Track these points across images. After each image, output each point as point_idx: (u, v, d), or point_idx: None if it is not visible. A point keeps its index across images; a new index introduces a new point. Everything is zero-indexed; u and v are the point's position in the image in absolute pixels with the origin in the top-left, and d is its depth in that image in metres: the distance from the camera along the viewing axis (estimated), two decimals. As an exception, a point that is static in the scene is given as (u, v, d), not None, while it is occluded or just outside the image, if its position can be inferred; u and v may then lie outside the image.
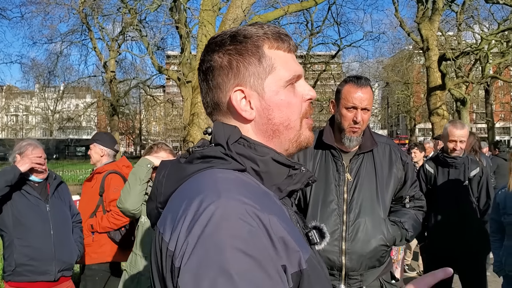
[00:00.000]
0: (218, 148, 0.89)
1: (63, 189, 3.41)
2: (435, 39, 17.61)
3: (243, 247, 0.70)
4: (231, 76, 0.92)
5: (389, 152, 2.35)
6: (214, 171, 0.85)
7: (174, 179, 0.89)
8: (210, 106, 0.97)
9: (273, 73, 0.92)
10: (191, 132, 11.76)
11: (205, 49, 0.96)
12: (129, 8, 21.14)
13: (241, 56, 0.92)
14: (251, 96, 0.92)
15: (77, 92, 47.70)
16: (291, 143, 0.96)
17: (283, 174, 0.92)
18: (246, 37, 0.92)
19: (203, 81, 0.97)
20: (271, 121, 0.93)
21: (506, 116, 57.78)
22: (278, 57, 0.93)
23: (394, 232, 2.26)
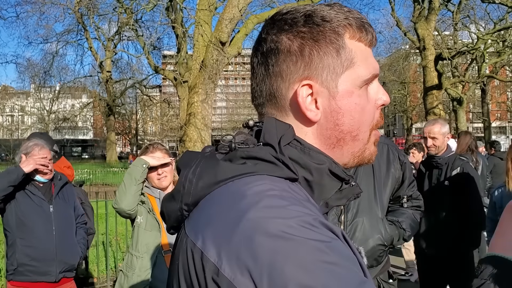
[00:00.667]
0: (267, 149, 0.73)
1: (68, 190, 3.39)
2: (432, 38, 17.67)
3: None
4: (300, 65, 0.75)
5: (387, 151, 2.34)
6: (263, 178, 0.69)
7: (209, 178, 0.72)
8: (262, 96, 0.80)
9: (351, 69, 0.76)
10: (188, 132, 11.75)
11: (269, 25, 0.79)
12: (125, 7, 21.09)
13: (317, 43, 0.75)
14: (320, 94, 0.76)
15: (73, 92, 47.65)
16: (353, 157, 0.81)
17: (334, 188, 0.78)
18: (325, 20, 0.75)
19: (260, 65, 0.80)
20: (338, 128, 0.77)
21: (503, 115, 58.02)
22: (359, 50, 0.77)
23: (391, 231, 2.25)
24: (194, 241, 0.66)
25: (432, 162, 3.61)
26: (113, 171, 23.40)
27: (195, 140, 11.56)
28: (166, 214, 0.79)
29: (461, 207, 3.51)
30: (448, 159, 3.57)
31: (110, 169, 24.87)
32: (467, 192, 3.51)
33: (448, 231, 3.49)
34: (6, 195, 2.96)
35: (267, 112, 0.81)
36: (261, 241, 0.59)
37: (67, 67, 43.10)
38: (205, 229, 0.66)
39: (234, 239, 0.61)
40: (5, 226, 3.11)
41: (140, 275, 2.77)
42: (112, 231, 6.69)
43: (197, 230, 0.67)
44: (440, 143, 3.56)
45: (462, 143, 5.07)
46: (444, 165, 3.57)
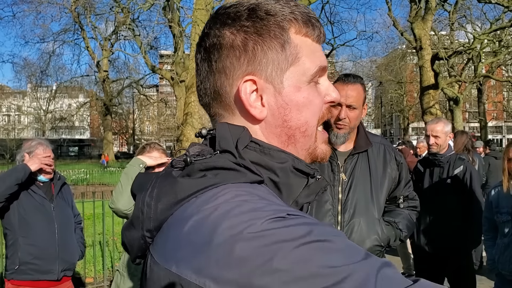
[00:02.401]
0: (226, 156, 0.69)
1: (66, 190, 3.42)
2: (428, 38, 17.71)
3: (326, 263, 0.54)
4: (243, 60, 0.72)
5: (384, 152, 2.34)
6: (228, 187, 0.64)
7: (169, 199, 0.66)
8: (208, 94, 0.76)
9: (296, 64, 0.73)
10: (185, 131, 11.74)
11: (212, 20, 0.76)
12: (122, 7, 21.06)
13: (261, 37, 0.71)
14: (265, 90, 0.72)
15: (70, 92, 47.53)
16: (308, 154, 0.77)
17: (301, 184, 0.74)
18: (269, 14, 0.72)
19: (203, 61, 0.76)
20: (286, 124, 0.73)
21: (499, 115, 58.20)
22: (306, 45, 0.74)
23: (388, 232, 2.25)
24: (168, 268, 0.61)
25: (434, 161, 3.63)
26: (110, 170, 23.35)
27: (192, 140, 11.55)
28: (127, 244, 0.73)
29: (463, 205, 3.53)
30: (450, 158, 3.60)
31: (107, 169, 24.81)
32: (469, 191, 3.53)
33: (449, 229, 3.51)
34: (11, 193, 2.97)
35: (215, 113, 0.77)
36: (243, 247, 0.55)
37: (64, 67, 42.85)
38: (177, 252, 0.61)
39: (212, 255, 0.57)
40: (6, 225, 3.12)
41: (137, 275, 2.77)
42: (109, 231, 6.68)
43: (168, 256, 0.63)
44: (442, 142, 3.58)
45: (458, 143, 5.10)
46: (445, 163, 3.59)
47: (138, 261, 0.73)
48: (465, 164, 3.58)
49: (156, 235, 0.68)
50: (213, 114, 0.78)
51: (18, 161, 3.14)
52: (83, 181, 19.46)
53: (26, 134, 54.49)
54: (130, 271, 2.79)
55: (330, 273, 0.53)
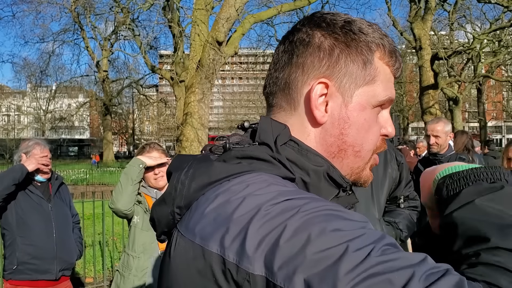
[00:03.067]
0: (263, 148, 0.71)
1: (64, 189, 3.43)
2: (428, 38, 17.71)
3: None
4: (325, 63, 0.74)
5: (384, 152, 2.34)
6: (262, 175, 0.67)
7: (203, 179, 0.69)
8: (277, 84, 0.78)
9: (370, 85, 0.75)
10: (184, 131, 11.73)
11: (307, 19, 0.78)
12: (121, 7, 21.04)
13: (348, 48, 0.74)
14: (333, 98, 0.74)
15: (70, 92, 47.53)
16: (351, 173, 0.79)
17: (331, 194, 0.75)
18: (362, 32, 0.75)
19: (285, 52, 0.78)
20: (342, 137, 0.75)
21: (498, 115, 58.22)
22: (384, 72, 0.77)
23: (388, 232, 2.25)
24: (192, 239, 0.65)
25: (435, 161, 3.62)
26: (109, 170, 23.33)
27: (192, 140, 11.55)
28: (156, 219, 0.76)
29: None
30: (450, 158, 3.59)
31: (107, 169, 24.80)
32: None
33: None
34: (8, 193, 2.98)
35: (276, 104, 0.79)
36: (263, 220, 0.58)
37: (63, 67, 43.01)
38: (202, 225, 0.64)
39: (234, 227, 0.60)
40: (4, 225, 3.12)
41: (137, 275, 2.77)
42: (109, 231, 6.68)
43: (193, 229, 0.66)
44: (443, 141, 3.58)
45: (458, 143, 5.09)
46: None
47: (162, 237, 0.76)
48: None
49: (185, 213, 0.71)
50: (274, 104, 0.79)
51: (16, 161, 3.15)
52: (83, 181, 19.45)
53: (25, 134, 54.48)
54: (130, 271, 2.79)
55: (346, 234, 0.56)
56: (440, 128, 3.57)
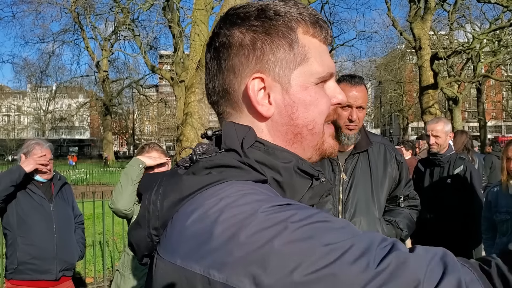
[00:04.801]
0: (231, 154, 0.70)
1: (66, 190, 3.42)
2: (427, 38, 17.70)
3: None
4: (252, 58, 0.73)
5: (384, 151, 2.35)
6: (232, 183, 0.66)
7: (174, 196, 0.67)
8: (216, 92, 0.78)
9: (304, 64, 0.74)
10: (184, 131, 11.74)
11: (222, 20, 0.78)
12: (121, 7, 21.06)
13: (269, 36, 0.73)
14: (272, 88, 0.74)
15: (70, 92, 47.53)
16: (314, 150, 0.78)
17: (305, 186, 0.75)
18: (278, 14, 0.74)
19: (212, 60, 0.77)
20: (293, 122, 0.74)
21: (498, 114, 58.21)
22: (313, 46, 0.75)
23: (389, 231, 2.26)
24: (173, 262, 0.63)
25: (435, 160, 3.63)
26: (110, 170, 23.33)
27: (192, 140, 11.55)
28: (134, 244, 0.73)
29: (463, 205, 3.53)
30: (450, 158, 3.60)
31: (107, 169, 24.80)
32: (469, 190, 3.53)
33: (449, 228, 3.51)
34: (7, 194, 2.98)
35: (222, 111, 0.78)
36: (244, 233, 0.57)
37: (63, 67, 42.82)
38: (181, 245, 0.62)
39: (215, 244, 0.58)
40: (5, 225, 3.13)
41: (137, 275, 2.77)
42: (109, 231, 6.68)
43: (172, 250, 0.64)
44: (443, 141, 3.58)
45: (458, 142, 5.10)
46: (446, 163, 3.59)
47: (145, 260, 0.73)
48: (465, 164, 3.58)
49: (162, 233, 0.68)
50: (221, 112, 0.79)
51: (18, 161, 3.16)
52: (83, 181, 19.44)
53: (26, 134, 54.47)
54: (130, 271, 2.80)
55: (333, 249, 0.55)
56: (440, 128, 3.57)
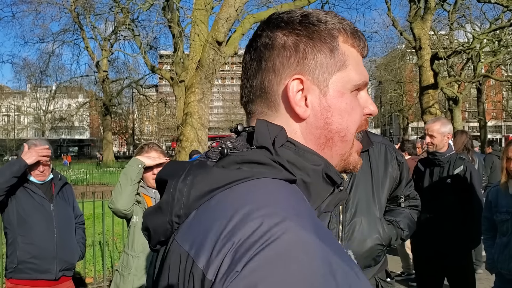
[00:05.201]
0: (262, 152, 0.70)
1: (67, 190, 3.41)
2: (428, 38, 17.71)
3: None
4: (293, 60, 0.74)
5: (385, 151, 2.35)
6: (264, 181, 0.66)
7: (203, 187, 0.68)
8: (253, 92, 0.78)
9: (343, 71, 0.76)
10: (184, 131, 11.73)
11: (265, 23, 0.79)
12: (121, 7, 21.05)
13: (312, 40, 0.75)
14: (310, 91, 0.75)
15: (69, 92, 47.52)
16: (341, 160, 0.79)
17: (327, 191, 0.76)
18: (321, 21, 0.76)
19: (252, 60, 0.78)
20: (327, 126, 0.75)
21: (498, 114, 58.24)
22: (352, 55, 0.78)
23: (389, 231, 2.26)
24: (188, 251, 0.63)
25: (434, 160, 3.62)
26: (109, 171, 23.34)
27: (192, 140, 11.55)
28: (151, 229, 0.73)
29: (463, 205, 3.53)
30: (450, 158, 3.59)
31: (107, 169, 24.81)
32: (469, 190, 3.52)
33: (448, 228, 3.50)
34: (8, 189, 2.97)
35: (256, 110, 0.79)
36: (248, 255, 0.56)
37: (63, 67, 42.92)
38: (200, 238, 0.63)
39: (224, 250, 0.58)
40: (6, 224, 3.13)
41: (137, 275, 2.77)
42: (109, 231, 6.68)
43: (192, 240, 0.64)
44: (438, 141, 3.57)
45: (458, 142, 5.09)
46: (446, 163, 3.59)
47: (158, 247, 0.73)
48: (465, 164, 3.57)
49: (184, 221, 0.69)
50: (254, 111, 0.79)
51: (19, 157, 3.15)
52: (83, 181, 19.45)
53: (25, 134, 54.50)
54: (129, 271, 2.79)
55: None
56: (436, 128, 3.57)
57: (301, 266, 0.54)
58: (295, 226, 0.58)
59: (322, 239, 0.58)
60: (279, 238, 0.56)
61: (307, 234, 0.58)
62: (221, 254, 0.58)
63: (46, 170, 3.20)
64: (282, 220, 0.58)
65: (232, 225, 0.59)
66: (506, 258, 3.06)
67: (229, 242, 0.58)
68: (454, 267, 3.57)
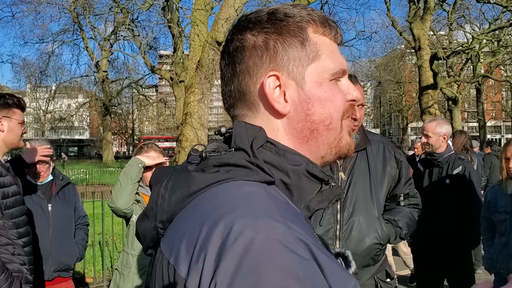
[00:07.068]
0: (240, 154, 0.70)
1: (69, 190, 3.39)
2: (427, 38, 17.71)
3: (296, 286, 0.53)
4: (265, 58, 0.75)
5: (383, 150, 2.35)
6: (239, 183, 0.66)
7: (182, 192, 0.69)
8: (232, 96, 0.79)
9: (317, 61, 0.76)
10: (184, 131, 11.74)
11: (235, 27, 0.80)
12: (121, 7, 21.05)
13: (281, 36, 0.75)
14: (287, 86, 0.75)
15: (69, 92, 47.51)
16: (330, 148, 0.78)
17: (314, 189, 0.75)
18: (288, 15, 0.76)
19: (227, 65, 0.79)
20: (309, 118, 0.75)
21: (497, 114, 58.23)
22: (324, 44, 0.77)
23: (388, 230, 2.26)
24: (168, 258, 0.64)
25: (433, 161, 3.62)
26: (109, 170, 23.32)
27: (192, 140, 11.55)
28: (141, 234, 0.75)
29: (462, 205, 3.53)
30: (449, 158, 3.59)
31: (107, 169, 24.79)
32: (468, 191, 3.53)
33: (448, 229, 3.51)
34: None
35: (238, 114, 0.79)
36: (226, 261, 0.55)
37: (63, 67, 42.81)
38: (179, 244, 0.63)
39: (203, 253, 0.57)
40: None
41: (137, 273, 2.78)
42: (109, 231, 6.69)
43: (171, 247, 0.65)
44: (434, 141, 3.56)
45: (457, 143, 5.09)
46: (444, 163, 3.59)
47: (150, 251, 0.75)
48: (464, 164, 3.57)
49: (167, 227, 0.70)
50: (236, 115, 0.80)
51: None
52: (83, 181, 19.43)
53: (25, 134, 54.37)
54: (129, 270, 2.80)
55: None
56: (431, 128, 3.57)
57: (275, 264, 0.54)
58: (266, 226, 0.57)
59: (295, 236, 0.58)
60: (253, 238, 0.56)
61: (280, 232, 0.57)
62: (200, 261, 0.57)
63: (44, 171, 3.20)
64: (254, 220, 0.58)
65: (205, 231, 0.59)
66: (505, 258, 3.07)
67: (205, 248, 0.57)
68: (453, 267, 3.57)
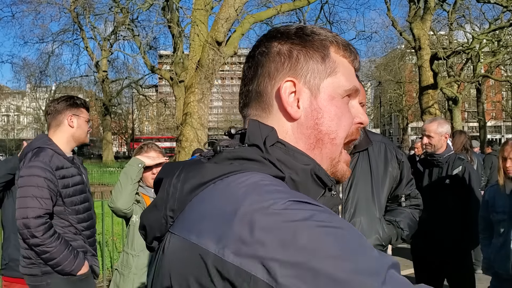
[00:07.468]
0: (253, 149, 0.75)
1: None
2: (427, 38, 17.73)
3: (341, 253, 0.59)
4: (287, 65, 0.80)
5: (385, 150, 2.33)
6: (253, 174, 0.70)
7: (195, 180, 0.71)
8: (249, 96, 0.84)
9: (333, 76, 0.81)
10: (184, 131, 11.74)
11: (264, 36, 0.86)
12: (121, 7, 21.06)
13: (304, 48, 0.81)
14: (302, 93, 0.80)
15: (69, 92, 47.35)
16: (331, 165, 0.83)
17: (317, 193, 0.78)
18: (314, 33, 0.82)
19: (250, 68, 0.84)
20: (317, 127, 0.79)
21: (497, 114, 58.24)
22: (343, 64, 0.83)
23: (389, 231, 2.25)
24: (187, 238, 0.65)
25: (433, 161, 3.62)
26: (109, 171, 23.32)
27: (191, 140, 11.56)
28: (148, 225, 0.76)
29: (462, 205, 3.53)
30: (449, 158, 3.58)
31: (106, 169, 24.79)
32: (468, 191, 3.52)
33: (448, 229, 3.50)
34: (4, 184, 3.00)
35: (251, 113, 0.83)
36: (264, 222, 0.60)
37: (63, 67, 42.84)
38: (200, 224, 0.65)
39: (235, 227, 0.61)
40: (4, 221, 3.16)
41: (137, 274, 2.78)
42: (109, 231, 6.68)
43: (190, 228, 0.66)
44: (436, 142, 3.56)
45: (457, 143, 5.09)
46: (444, 163, 3.58)
47: (154, 244, 0.76)
48: (464, 164, 3.56)
49: (178, 215, 0.72)
50: (249, 114, 0.84)
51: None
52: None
53: (25, 134, 54.44)
54: (129, 270, 2.80)
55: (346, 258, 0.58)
56: (433, 128, 3.56)
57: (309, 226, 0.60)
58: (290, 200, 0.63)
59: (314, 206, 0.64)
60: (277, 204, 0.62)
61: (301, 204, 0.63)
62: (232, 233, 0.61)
63: None
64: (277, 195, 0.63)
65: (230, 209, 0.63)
66: (503, 258, 3.06)
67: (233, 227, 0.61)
68: (453, 268, 3.56)
